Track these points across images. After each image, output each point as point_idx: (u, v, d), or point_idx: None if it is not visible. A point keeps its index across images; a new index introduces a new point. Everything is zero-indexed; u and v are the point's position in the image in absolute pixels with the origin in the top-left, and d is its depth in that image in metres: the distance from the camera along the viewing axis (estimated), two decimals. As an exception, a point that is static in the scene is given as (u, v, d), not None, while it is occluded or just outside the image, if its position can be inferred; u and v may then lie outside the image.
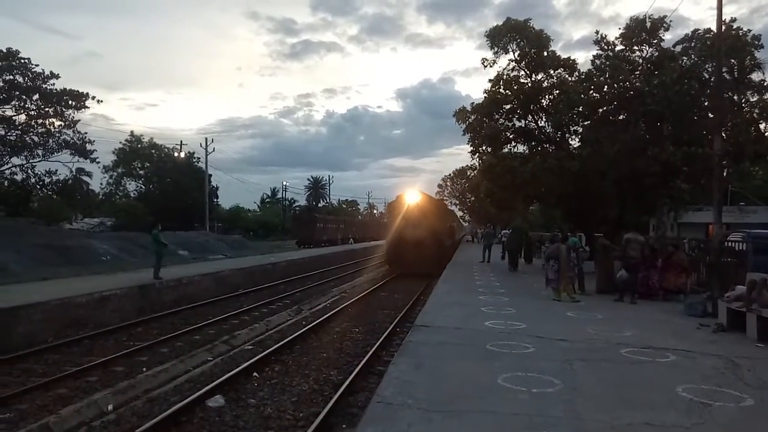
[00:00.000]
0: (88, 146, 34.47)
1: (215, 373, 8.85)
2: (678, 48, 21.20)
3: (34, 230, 27.09)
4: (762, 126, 20.37)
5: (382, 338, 11.24)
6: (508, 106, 23.54)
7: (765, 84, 20.15)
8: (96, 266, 21.18)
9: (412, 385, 5.93)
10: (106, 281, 15.59)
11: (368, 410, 5.22)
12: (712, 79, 17.80)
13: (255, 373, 8.74)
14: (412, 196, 26.10)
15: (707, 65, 19.53)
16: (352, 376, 8.36)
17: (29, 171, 33.52)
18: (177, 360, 9.73)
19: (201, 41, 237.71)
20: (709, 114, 18.55)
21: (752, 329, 8.86)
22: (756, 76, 20.23)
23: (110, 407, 7.24)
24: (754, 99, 20.48)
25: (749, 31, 20.01)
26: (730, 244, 14.35)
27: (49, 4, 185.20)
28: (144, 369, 9.12)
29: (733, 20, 19.92)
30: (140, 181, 51.96)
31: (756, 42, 19.81)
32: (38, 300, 11.76)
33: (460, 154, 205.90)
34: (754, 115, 20.28)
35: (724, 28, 17.40)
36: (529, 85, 23.00)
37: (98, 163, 37.61)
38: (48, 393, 7.91)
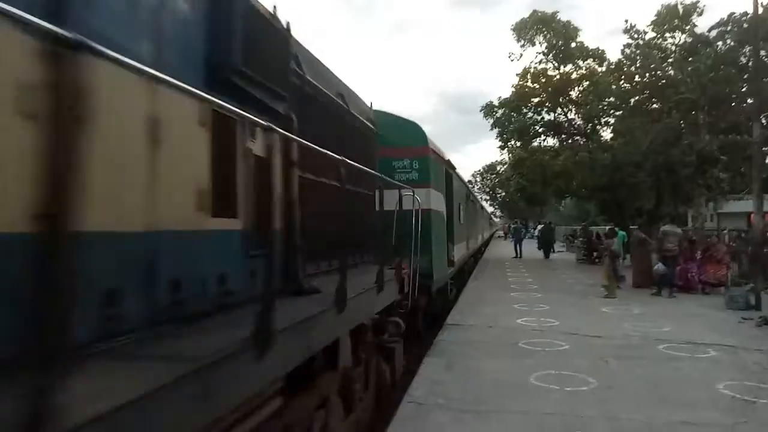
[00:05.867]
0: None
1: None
2: (713, 33, 20.55)
3: None
4: (805, 110, 19.57)
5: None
6: (536, 100, 23.33)
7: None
8: None
9: (443, 385, 5.89)
10: None
11: (399, 410, 5.21)
12: (749, 64, 17.21)
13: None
14: None
15: (744, 49, 18.90)
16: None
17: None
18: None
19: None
20: (748, 100, 17.93)
21: (798, 322, 8.54)
22: (797, 59, 19.46)
23: None
24: (796, 82, 19.69)
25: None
26: (773, 234, 13.85)
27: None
28: None
29: (771, 1, 19.19)
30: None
31: (795, 23, 19.04)
32: None
33: (489, 149, 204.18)
34: (796, 98, 19.51)
35: (761, 10, 16.77)
36: (558, 77, 22.69)
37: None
38: None
